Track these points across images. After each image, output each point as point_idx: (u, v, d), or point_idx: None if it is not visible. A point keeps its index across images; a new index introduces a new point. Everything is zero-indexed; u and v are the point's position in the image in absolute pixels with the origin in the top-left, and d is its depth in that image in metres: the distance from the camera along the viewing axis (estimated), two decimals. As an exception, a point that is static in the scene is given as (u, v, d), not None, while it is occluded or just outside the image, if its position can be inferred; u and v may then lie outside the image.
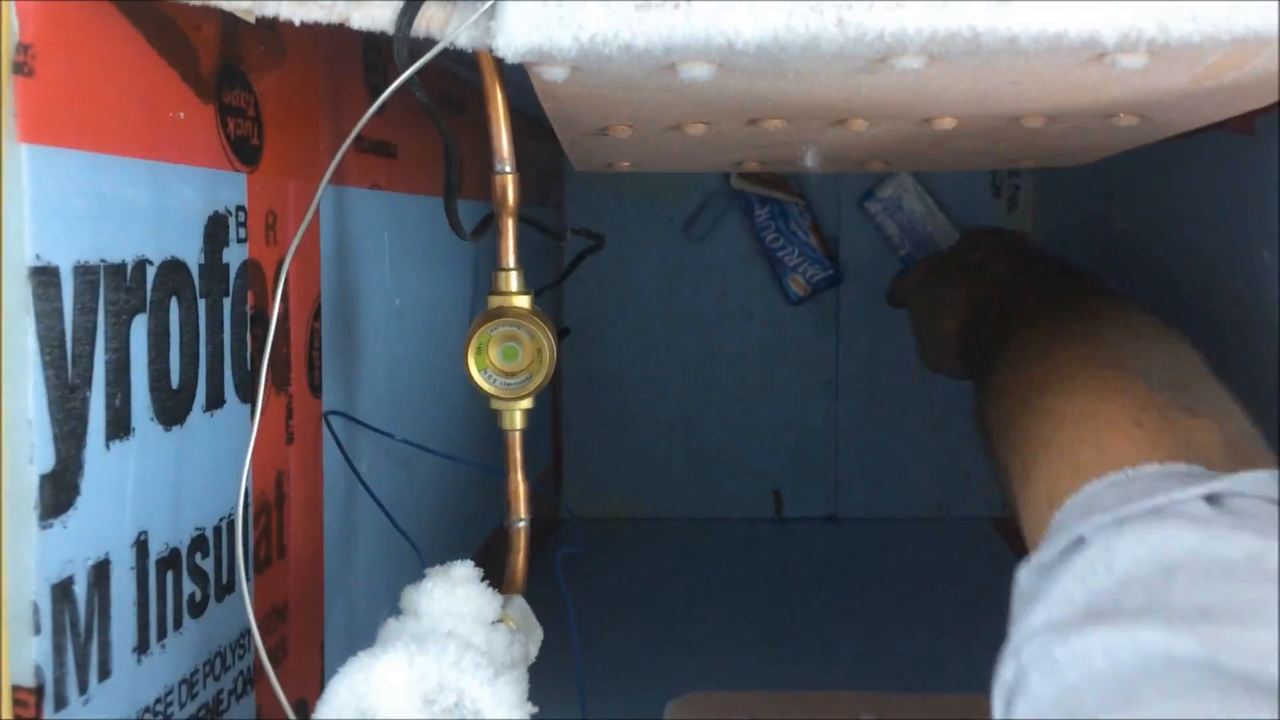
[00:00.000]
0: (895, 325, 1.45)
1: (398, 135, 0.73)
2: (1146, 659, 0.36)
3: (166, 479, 0.44)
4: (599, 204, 1.44)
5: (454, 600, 0.41)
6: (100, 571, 0.40)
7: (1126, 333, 0.62)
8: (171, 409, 0.45)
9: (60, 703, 0.37)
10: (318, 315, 0.60)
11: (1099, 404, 0.53)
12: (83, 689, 0.38)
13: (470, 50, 0.41)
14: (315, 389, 0.60)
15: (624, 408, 1.47)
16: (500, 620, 0.45)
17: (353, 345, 0.67)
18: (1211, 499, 0.42)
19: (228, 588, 0.49)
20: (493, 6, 0.39)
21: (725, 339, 1.47)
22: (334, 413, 0.62)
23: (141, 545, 0.43)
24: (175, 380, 0.45)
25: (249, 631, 0.52)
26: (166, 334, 0.44)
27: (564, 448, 1.47)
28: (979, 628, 1.12)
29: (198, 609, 0.47)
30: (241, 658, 0.51)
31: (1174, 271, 0.94)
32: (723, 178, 1.43)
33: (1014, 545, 1.33)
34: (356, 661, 0.38)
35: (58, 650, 0.37)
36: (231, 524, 0.50)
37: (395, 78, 0.44)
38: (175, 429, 0.45)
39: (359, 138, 0.67)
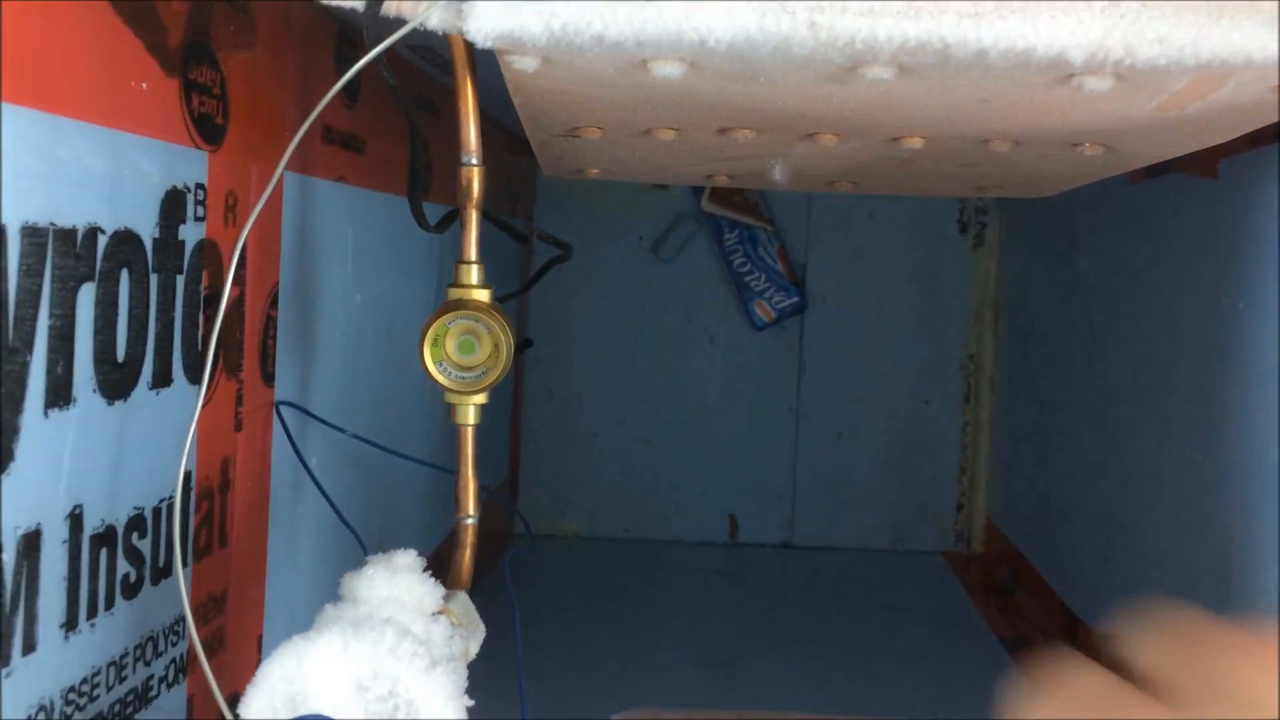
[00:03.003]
0: (858, 355, 1.46)
1: (367, 131, 0.73)
2: None
3: (106, 453, 0.43)
4: (569, 219, 1.44)
5: (394, 588, 0.40)
6: (30, 542, 0.39)
7: None
8: (115, 382, 0.44)
9: (-21, 674, 0.36)
10: (275, 303, 0.59)
11: None
12: (4, 660, 0.37)
13: (441, 33, 0.40)
14: (268, 378, 0.59)
15: (584, 425, 1.47)
16: (441, 613, 0.44)
17: (310, 337, 0.66)
18: None
19: (164, 572, 0.48)
20: (465, -11, 0.38)
21: (688, 361, 1.47)
22: (286, 403, 0.61)
23: (76, 519, 0.42)
24: (121, 353, 0.44)
25: (184, 618, 0.50)
26: (115, 305, 0.43)
27: (521, 463, 1.46)
28: (927, 659, 1.12)
29: (131, 590, 0.46)
30: (175, 645, 0.50)
31: (1136, 313, 0.95)
32: (693, 199, 1.44)
33: (965, 580, 1.33)
34: (290, 645, 0.37)
35: (-20, 619, 0.36)
36: (171, 507, 0.49)
37: (368, 75, 0.43)
38: (119, 403, 0.44)
39: (327, 129, 0.67)
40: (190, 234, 0.49)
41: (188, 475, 0.50)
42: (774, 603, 1.27)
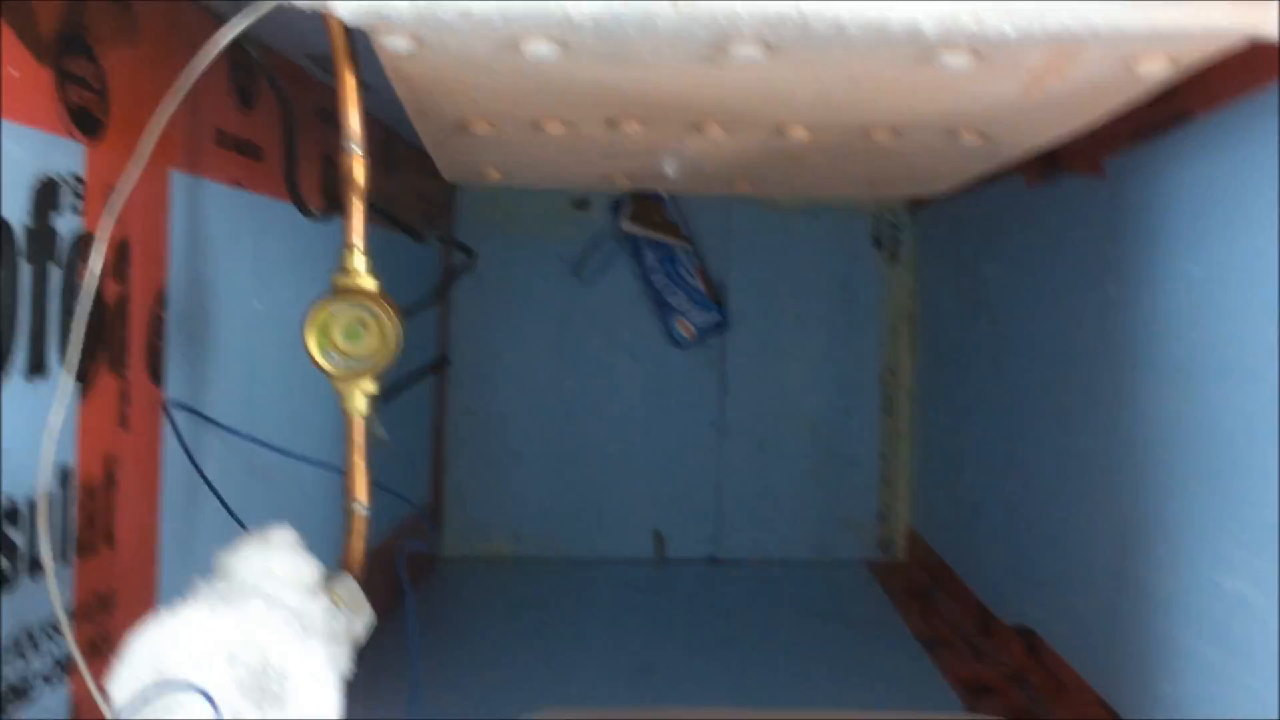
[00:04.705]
0: (779, 371, 1.48)
1: (264, 139, 0.72)
2: None
3: (-25, 441, 0.43)
4: (489, 241, 1.44)
5: (268, 562, 0.40)
6: (-112, 526, 0.38)
7: None
8: (-16, 369, 0.43)
9: None
10: (163, 303, 0.59)
11: None
12: None
13: (310, 11, 0.41)
14: (156, 377, 0.58)
15: (508, 446, 1.46)
16: (324, 593, 0.43)
17: (204, 341, 0.65)
18: None
19: (39, 566, 0.47)
20: (329, -36, 0.39)
21: (612, 380, 1.47)
22: (176, 404, 0.60)
23: (-60, 507, 0.41)
24: (-10, 340, 0.43)
25: (66, 613, 0.49)
26: (-18, 290, 0.43)
27: (445, 485, 1.45)
28: (847, 659, 1.13)
29: (4, 581, 0.45)
30: (55, 643, 0.49)
31: (1035, 311, 0.97)
32: (613, 220, 1.45)
33: (888, 587, 1.34)
34: (156, 619, 0.37)
35: None
36: (48, 500, 0.48)
37: (262, 80, 0.44)
38: (-12, 390, 0.43)
39: (220, 132, 0.66)
40: (66, 226, 0.49)
41: (67, 470, 0.50)
42: (699, 614, 1.27)
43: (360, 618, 0.46)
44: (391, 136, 1.02)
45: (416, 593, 1.25)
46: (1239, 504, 0.61)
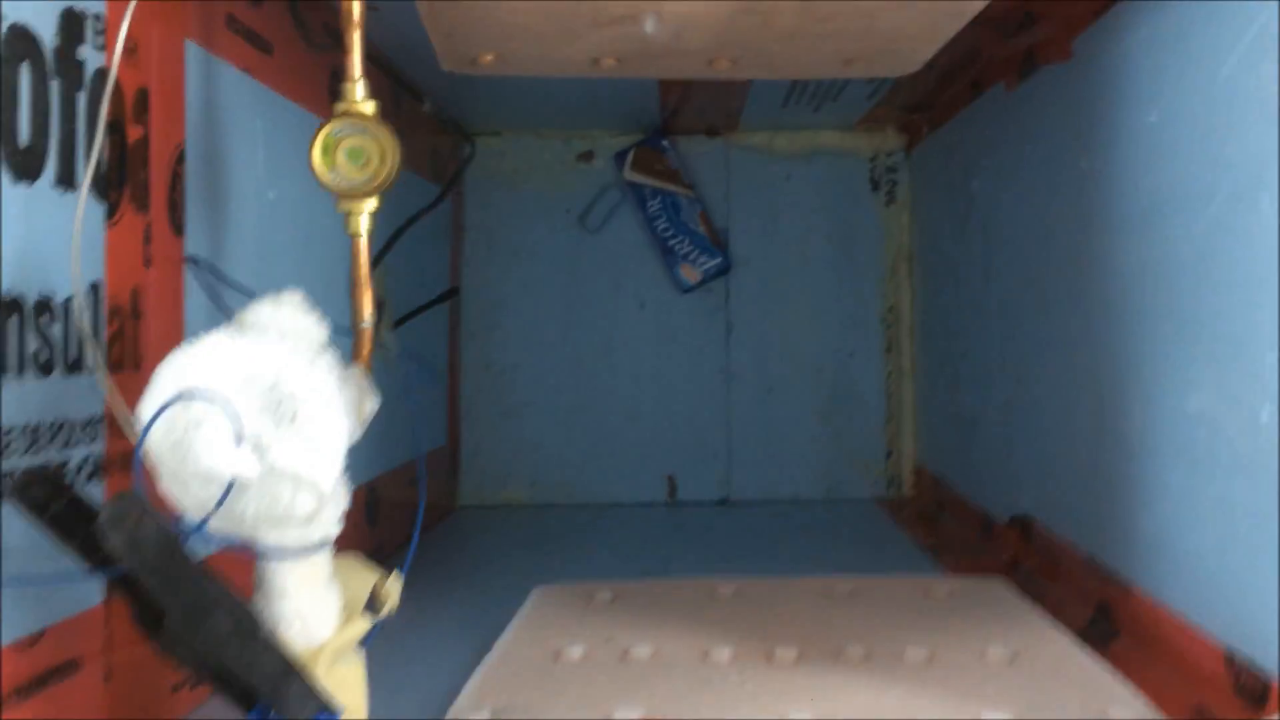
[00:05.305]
0: (783, 315, 1.51)
1: (274, 34, 0.77)
2: None
3: (13, 229, 0.47)
4: (498, 198, 1.49)
5: (281, 314, 0.44)
6: (-62, 280, 0.42)
7: None
8: (19, 163, 0.47)
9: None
10: (181, 160, 0.63)
11: None
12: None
13: None
14: (177, 228, 0.63)
15: (521, 396, 1.51)
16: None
17: (222, 210, 0.70)
18: None
19: (76, 366, 0.52)
20: None
21: (620, 327, 1.51)
22: (197, 259, 0.65)
23: (-17, 279, 0.45)
24: (24, 138, 0.47)
25: (98, 421, 0.54)
26: (15, 92, 0.47)
27: (462, 436, 1.49)
28: (855, 563, 1.16)
29: (43, 369, 0.49)
30: (91, 444, 0.53)
31: (1019, 209, 1.00)
32: (617, 171, 1.50)
33: (897, 518, 1.37)
34: (178, 349, 0.41)
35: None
36: (81, 306, 0.52)
37: None
38: (22, 184, 0.48)
39: (231, 18, 0.71)
40: (90, 58, 0.53)
41: (97, 286, 0.54)
42: (711, 538, 1.30)
43: (366, 399, 0.50)
44: (400, 90, 1.07)
45: (431, 536, 1.28)
46: (1197, 326, 0.65)
